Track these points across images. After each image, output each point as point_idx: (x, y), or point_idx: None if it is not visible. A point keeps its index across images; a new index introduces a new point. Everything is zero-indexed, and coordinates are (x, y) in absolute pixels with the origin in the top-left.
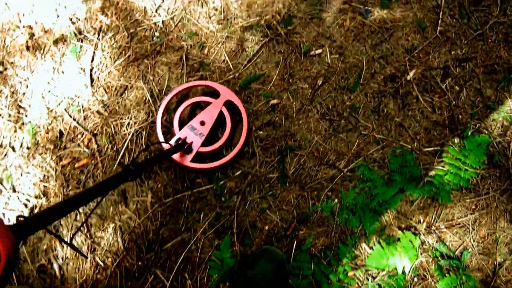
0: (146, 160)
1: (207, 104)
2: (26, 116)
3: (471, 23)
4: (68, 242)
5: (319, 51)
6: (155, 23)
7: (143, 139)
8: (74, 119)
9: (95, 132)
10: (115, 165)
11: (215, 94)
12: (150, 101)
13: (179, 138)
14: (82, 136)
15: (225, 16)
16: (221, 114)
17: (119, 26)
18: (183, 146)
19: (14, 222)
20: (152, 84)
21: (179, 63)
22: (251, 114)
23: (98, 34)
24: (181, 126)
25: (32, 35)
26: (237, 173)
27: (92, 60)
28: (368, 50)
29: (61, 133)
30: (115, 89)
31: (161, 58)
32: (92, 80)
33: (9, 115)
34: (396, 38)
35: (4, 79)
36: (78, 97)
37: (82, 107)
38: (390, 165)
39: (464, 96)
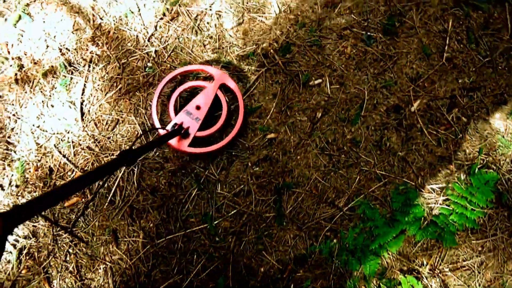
0: (143, 146)
1: (202, 89)
2: (15, 152)
3: (480, 49)
4: (70, 229)
5: (319, 81)
6: (147, 53)
7: (134, 176)
8: (64, 156)
9: (85, 168)
10: (106, 203)
11: (209, 78)
12: (143, 136)
13: (175, 124)
14: (72, 173)
15: (220, 45)
16: (216, 97)
17: (110, 56)
18: (180, 131)
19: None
20: (144, 117)
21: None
22: (247, 149)
23: (89, 66)
24: (176, 112)
25: (21, 67)
26: (232, 212)
27: (83, 93)
28: (370, 79)
29: (50, 170)
30: (106, 123)
31: (154, 90)
32: (82, 113)
33: None
34: (400, 66)
35: None
36: (68, 132)
37: (72, 142)
38: (393, 204)
39: (471, 128)
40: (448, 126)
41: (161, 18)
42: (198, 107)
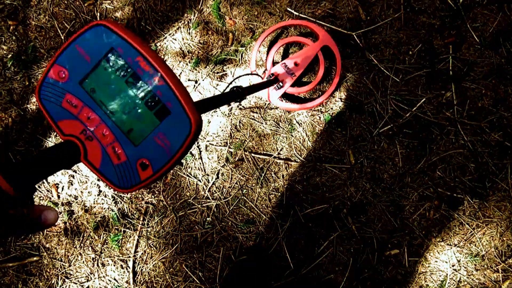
0: (247, 87)
1: (302, 45)
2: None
3: None
4: None
5: (395, 251)
6: (207, 207)
7: None
8: None
9: None
10: None
11: (313, 36)
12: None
13: (272, 74)
14: None
15: (288, 200)
16: (315, 58)
17: (167, 207)
18: (275, 82)
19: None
20: (203, 282)
21: (233, 259)
22: None
23: (143, 218)
24: (274, 63)
25: (71, 214)
26: None
27: (135, 249)
28: (454, 252)
29: None
30: (160, 287)
31: (212, 252)
32: (135, 274)
33: None
34: (489, 237)
35: (40, 268)
36: None
37: None
38: None
39: None
40: None
41: (224, 165)
42: (296, 63)
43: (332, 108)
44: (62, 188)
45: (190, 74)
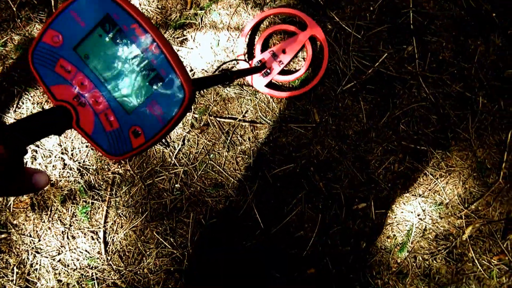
0: (237, 71)
1: (291, 34)
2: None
3: None
4: None
5: (363, 205)
6: (175, 173)
7: None
8: None
9: None
10: None
11: (302, 25)
12: (171, 270)
13: (260, 61)
14: None
15: (255, 162)
16: (303, 46)
17: (134, 176)
18: (263, 68)
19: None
20: (175, 248)
21: (203, 223)
22: (285, 285)
23: (111, 188)
24: (263, 50)
25: None
26: None
27: (105, 220)
28: (419, 202)
29: None
30: (132, 255)
31: (183, 218)
32: (106, 244)
33: None
34: (452, 186)
35: (9, 246)
36: (92, 268)
37: (97, 279)
38: None
39: None
40: (502, 256)
41: (189, 131)
42: (284, 51)
43: (295, 68)
44: (26, 164)
45: None
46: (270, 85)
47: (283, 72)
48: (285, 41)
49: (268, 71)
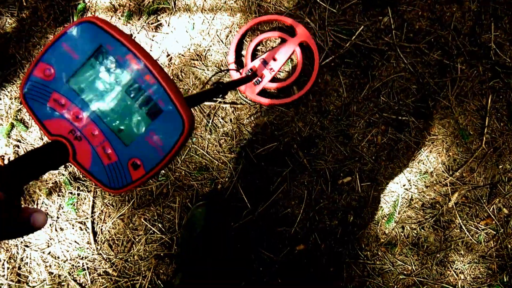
0: (229, 82)
1: (282, 41)
2: (27, 284)
3: None
4: None
5: (348, 178)
6: None
7: None
8: (80, 285)
9: None
10: None
11: (291, 32)
12: (161, 255)
13: (251, 69)
14: None
15: (238, 143)
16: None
17: None
18: (254, 77)
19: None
20: (164, 233)
21: (190, 207)
22: (273, 264)
23: None
24: (253, 59)
25: None
26: None
27: (92, 210)
28: (404, 171)
29: None
30: (122, 243)
31: (169, 203)
32: (95, 234)
33: (9, 286)
34: (436, 154)
35: None
36: (82, 258)
37: (88, 269)
38: None
39: None
40: (489, 221)
41: None
42: (274, 59)
43: (272, 47)
44: (9, 159)
45: (123, 28)
46: (262, 92)
47: (274, 79)
48: (274, 48)
49: (260, 79)
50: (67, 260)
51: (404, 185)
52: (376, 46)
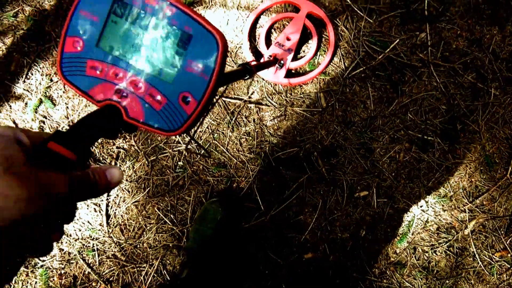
0: (258, 63)
1: (289, 20)
2: (38, 258)
3: None
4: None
5: (365, 193)
6: (178, 151)
7: None
8: (88, 264)
9: (110, 279)
10: None
11: (295, 10)
12: (170, 246)
13: (270, 56)
14: (96, 284)
15: (259, 144)
16: (305, 28)
17: (139, 152)
18: (275, 62)
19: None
20: (175, 224)
21: (204, 202)
22: (279, 269)
23: (115, 163)
24: (268, 45)
25: None
26: None
27: (108, 194)
28: (422, 192)
29: (75, 278)
30: (133, 229)
31: (184, 195)
32: (108, 217)
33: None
34: (457, 179)
35: None
36: (93, 239)
37: (97, 250)
38: None
39: None
40: (504, 253)
41: None
42: (288, 38)
43: (304, 51)
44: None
45: None
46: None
47: (296, 58)
48: (285, 29)
49: (282, 62)
50: (78, 239)
51: (421, 206)
52: (409, 61)
